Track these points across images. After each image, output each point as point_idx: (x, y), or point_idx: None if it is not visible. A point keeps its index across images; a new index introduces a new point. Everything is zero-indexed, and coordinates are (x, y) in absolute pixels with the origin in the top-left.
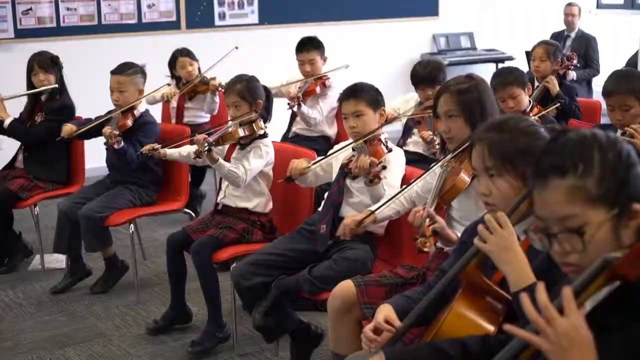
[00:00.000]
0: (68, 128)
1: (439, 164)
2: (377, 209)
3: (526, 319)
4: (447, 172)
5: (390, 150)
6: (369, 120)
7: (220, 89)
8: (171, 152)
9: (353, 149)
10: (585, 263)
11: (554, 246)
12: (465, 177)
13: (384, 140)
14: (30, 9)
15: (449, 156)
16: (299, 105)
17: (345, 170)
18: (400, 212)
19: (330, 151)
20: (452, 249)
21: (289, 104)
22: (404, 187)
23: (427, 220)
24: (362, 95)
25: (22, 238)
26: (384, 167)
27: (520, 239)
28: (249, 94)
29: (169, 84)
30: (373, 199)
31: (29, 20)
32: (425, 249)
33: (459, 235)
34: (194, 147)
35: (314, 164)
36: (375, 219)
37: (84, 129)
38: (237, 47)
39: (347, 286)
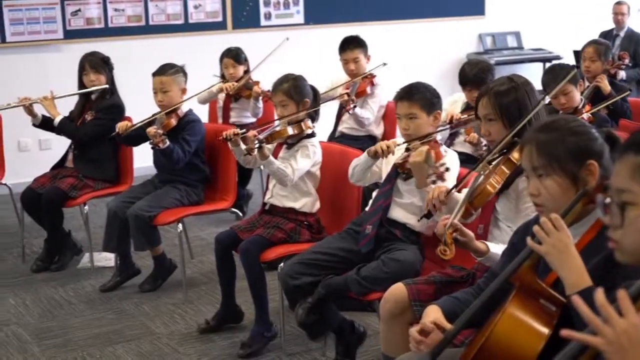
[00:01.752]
0: (123, 124)
1: (476, 167)
2: (453, 186)
3: (582, 322)
4: (483, 176)
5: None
6: (422, 123)
7: (262, 95)
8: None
9: (407, 149)
10: (625, 244)
11: (606, 217)
12: (494, 182)
13: (439, 142)
14: (79, 10)
15: (485, 159)
16: (354, 107)
17: (398, 171)
18: None
19: None
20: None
21: (343, 106)
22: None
23: (451, 228)
24: (417, 97)
25: (72, 236)
26: (447, 169)
27: (575, 241)
28: (296, 92)
29: (216, 76)
30: (422, 200)
31: (78, 21)
32: (446, 257)
33: (488, 245)
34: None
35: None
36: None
37: (136, 126)
38: (287, 38)
39: (398, 289)
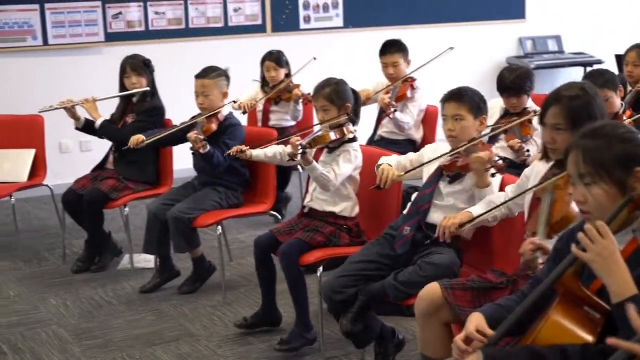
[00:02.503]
0: (136, 138)
1: (550, 181)
2: (480, 215)
3: (627, 331)
4: (554, 193)
5: None
6: (468, 126)
7: (302, 99)
8: (257, 153)
9: (453, 151)
10: None
11: None
12: (575, 207)
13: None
14: (120, 13)
15: (552, 180)
16: (395, 112)
17: (443, 173)
18: (498, 218)
19: (418, 154)
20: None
21: (383, 110)
22: (508, 199)
23: (539, 252)
24: (465, 99)
25: (112, 238)
26: (506, 163)
27: (620, 249)
28: (338, 97)
29: (255, 80)
30: (479, 201)
31: (119, 24)
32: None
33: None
34: (280, 148)
35: (406, 173)
36: (474, 222)
37: (152, 140)
38: (315, 58)
39: (433, 289)
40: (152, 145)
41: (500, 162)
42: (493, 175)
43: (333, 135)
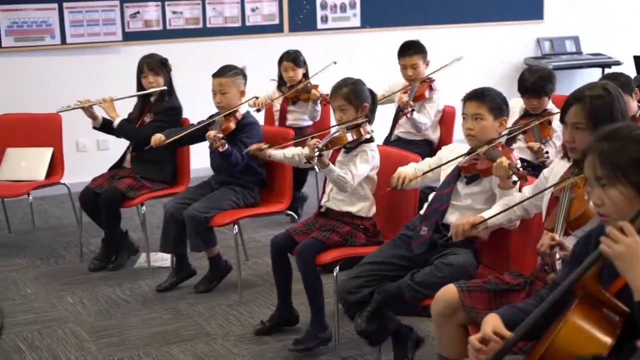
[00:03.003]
0: (157, 137)
1: (568, 182)
2: (490, 217)
3: None
4: (572, 191)
5: None
6: (488, 126)
7: (320, 99)
8: (276, 152)
9: (471, 151)
10: None
11: None
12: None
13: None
14: (138, 12)
15: (569, 181)
16: (412, 111)
17: (461, 173)
18: (512, 220)
19: (435, 157)
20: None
21: (401, 110)
22: (520, 200)
23: (557, 249)
24: (486, 99)
25: (129, 236)
26: (527, 169)
27: None
28: (355, 97)
29: (273, 79)
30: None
31: (137, 23)
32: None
33: None
34: (298, 149)
35: (423, 174)
36: (487, 226)
37: (173, 138)
38: (335, 62)
39: (450, 290)
40: (172, 144)
41: (522, 169)
42: (514, 183)
43: (350, 136)
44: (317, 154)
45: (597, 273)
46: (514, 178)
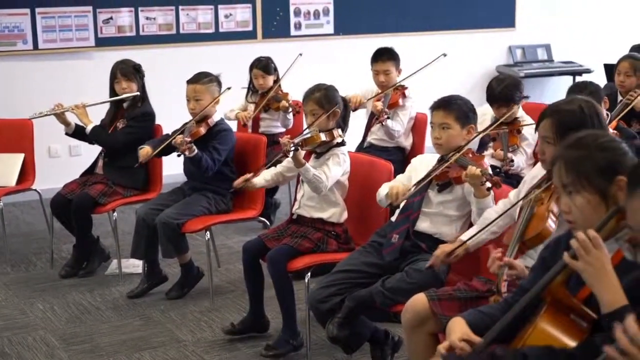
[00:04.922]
0: (144, 151)
1: (535, 193)
2: (469, 238)
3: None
4: (533, 207)
5: None
6: (454, 134)
7: (291, 109)
8: (257, 181)
9: (441, 160)
10: None
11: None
12: (551, 224)
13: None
14: (111, 18)
15: (539, 190)
16: (387, 118)
17: (432, 181)
18: (497, 232)
19: (406, 172)
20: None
21: (375, 117)
22: (497, 217)
23: (506, 269)
24: (453, 108)
25: (100, 243)
26: (501, 178)
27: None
28: (327, 102)
29: (243, 87)
30: (479, 212)
31: (110, 29)
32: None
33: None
34: (275, 169)
35: (414, 186)
36: (467, 248)
37: (160, 148)
38: (301, 54)
39: (419, 299)
40: (158, 155)
41: (495, 176)
42: (488, 190)
43: (323, 137)
44: (292, 148)
45: (566, 279)
46: (488, 185)
